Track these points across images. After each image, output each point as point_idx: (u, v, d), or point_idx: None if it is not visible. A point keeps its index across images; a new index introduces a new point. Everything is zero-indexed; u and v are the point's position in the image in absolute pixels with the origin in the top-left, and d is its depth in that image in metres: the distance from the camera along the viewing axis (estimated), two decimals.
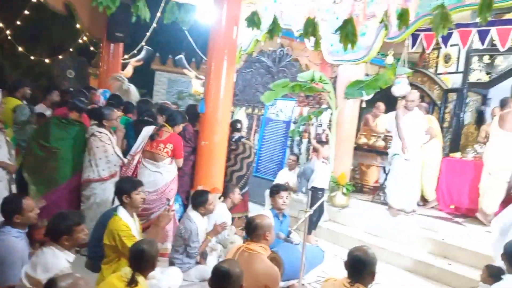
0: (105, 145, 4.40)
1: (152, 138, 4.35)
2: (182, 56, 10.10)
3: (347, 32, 3.34)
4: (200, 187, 4.46)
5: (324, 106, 6.93)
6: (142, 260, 2.50)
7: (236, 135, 5.53)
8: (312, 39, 4.02)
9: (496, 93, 7.41)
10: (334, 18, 6.23)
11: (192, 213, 3.83)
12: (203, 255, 3.91)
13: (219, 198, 4.53)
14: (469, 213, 5.90)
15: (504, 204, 5.44)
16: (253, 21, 4.12)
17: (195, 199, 3.91)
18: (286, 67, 7.56)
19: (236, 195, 4.57)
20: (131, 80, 7.74)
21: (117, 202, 3.45)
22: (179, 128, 4.50)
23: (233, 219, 4.49)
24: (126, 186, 3.39)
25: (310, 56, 7.16)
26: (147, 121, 4.96)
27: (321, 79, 6.31)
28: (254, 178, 7.39)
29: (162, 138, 4.34)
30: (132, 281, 2.40)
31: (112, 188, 4.24)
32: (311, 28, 3.73)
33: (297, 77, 6.62)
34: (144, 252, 2.50)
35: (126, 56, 9.15)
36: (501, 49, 5.63)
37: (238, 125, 5.58)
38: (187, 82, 13.90)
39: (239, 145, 5.48)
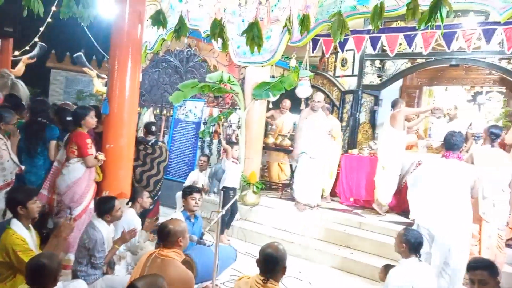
0: (1, 151, 3.97)
1: (65, 145, 4.19)
2: (81, 53, 9.43)
3: (253, 35, 3.42)
4: (105, 193, 4.23)
5: (233, 107, 7.02)
6: (41, 275, 2.29)
7: (152, 138, 5.35)
8: (220, 40, 4.04)
9: (387, 94, 8.20)
10: (240, 20, 6.37)
11: (96, 221, 3.60)
12: (110, 265, 3.70)
13: (127, 203, 4.34)
14: (366, 204, 6.44)
15: (397, 195, 6.07)
16: (158, 19, 3.99)
17: (100, 206, 3.67)
18: (194, 68, 7.50)
19: (145, 199, 4.41)
20: (23, 78, 7.05)
21: (9, 214, 3.12)
22: (89, 121, 4.22)
23: (142, 223, 4.32)
24: (20, 196, 3.09)
25: (218, 57, 7.18)
26: (41, 122, 4.56)
27: (230, 80, 6.39)
28: (164, 180, 7.22)
29: (71, 140, 4.14)
30: None
31: None
32: (218, 29, 3.75)
33: (206, 77, 6.62)
34: (43, 266, 2.30)
35: (16, 53, 8.30)
36: (390, 55, 6.22)
37: (153, 128, 5.41)
38: (87, 81, 13.08)
39: (156, 149, 5.31)
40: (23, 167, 4.18)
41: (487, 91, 8.11)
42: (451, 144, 3.86)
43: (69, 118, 4.65)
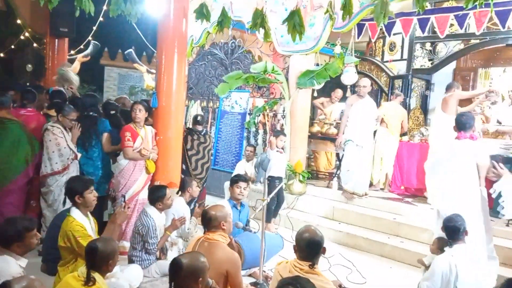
0: (57, 138, 4.37)
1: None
2: (131, 50, 9.81)
3: (294, 23, 3.37)
4: (157, 183, 4.42)
5: (278, 96, 7.02)
6: (96, 258, 2.46)
7: (200, 128, 5.66)
8: (262, 30, 4.04)
9: (439, 78, 7.83)
10: (282, 9, 6.33)
11: (149, 208, 3.79)
12: (163, 250, 3.89)
13: (177, 193, 4.51)
14: (418, 192, 6.23)
15: None
16: (202, 13, 4.06)
17: (152, 195, 3.87)
18: (239, 59, 7.56)
19: (194, 188, 4.56)
20: (79, 76, 7.46)
21: (68, 202, 3.36)
22: (132, 115, 4.46)
23: (192, 209, 4.48)
24: (78, 186, 3.31)
25: (262, 47, 7.19)
26: (92, 116, 4.84)
27: (274, 70, 6.40)
28: (212, 170, 7.41)
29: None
30: (89, 280, 2.36)
31: None
32: (259, 19, 3.74)
33: (250, 68, 6.67)
34: (97, 249, 2.46)
35: (72, 52, 8.79)
36: (441, 36, 5.93)
37: (198, 118, 5.72)
38: (138, 77, 13.59)
39: (206, 138, 5.69)
40: (79, 154, 4.54)
41: None
42: (462, 123, 3.84)
43: (112, 112, 4.94)
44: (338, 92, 7.41)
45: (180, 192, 4.52)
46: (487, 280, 3.11)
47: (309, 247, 2.49)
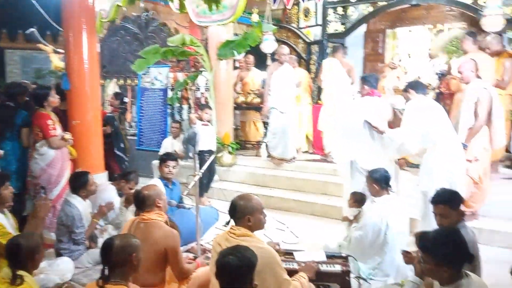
0: None
1: (28, 126, 4.20)
2: (33, 29, 8.95)
3: None
4: (79, 169, 4.19)
5: (199, 69, 6.89)
6: (19, 255, 2.30)
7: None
8: (177, 1, 3.90)
9: (352, 41, 8.18)
10: None
11: (71, 197, 3.58)
12: (93, 239, 3.73)
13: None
14: None
15: None
16: None
17: (74, 182, 3.65)
18: (154, 33, 7.27)
19: (127, 188, 4.33)
20: None
21: None
22: (52, 100, 4.12)
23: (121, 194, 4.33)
24: None
25: (178, 19, 6.95)
26: (9, 106, 4.38)
27: (192, 42, 6.22)
28: (138, 151, 7.18)
29: (33, 122, 4.09)
30: (15, 279, 2.20)
31: None
32: None
33: (167, 41, 6.43)
34: (19, 246, 2.30)
35: None
36: (351, 0, 6.15)
37: (126, 99, 5.68)
38: (45, 58, 12.46)
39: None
40: (1, 152, 4.16)
41: (449, 28, 8.18)
42: (364, 80, 4.24)
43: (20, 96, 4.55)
44: (250, 58, 7.42)
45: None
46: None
47: (231, 212, 2.47)
